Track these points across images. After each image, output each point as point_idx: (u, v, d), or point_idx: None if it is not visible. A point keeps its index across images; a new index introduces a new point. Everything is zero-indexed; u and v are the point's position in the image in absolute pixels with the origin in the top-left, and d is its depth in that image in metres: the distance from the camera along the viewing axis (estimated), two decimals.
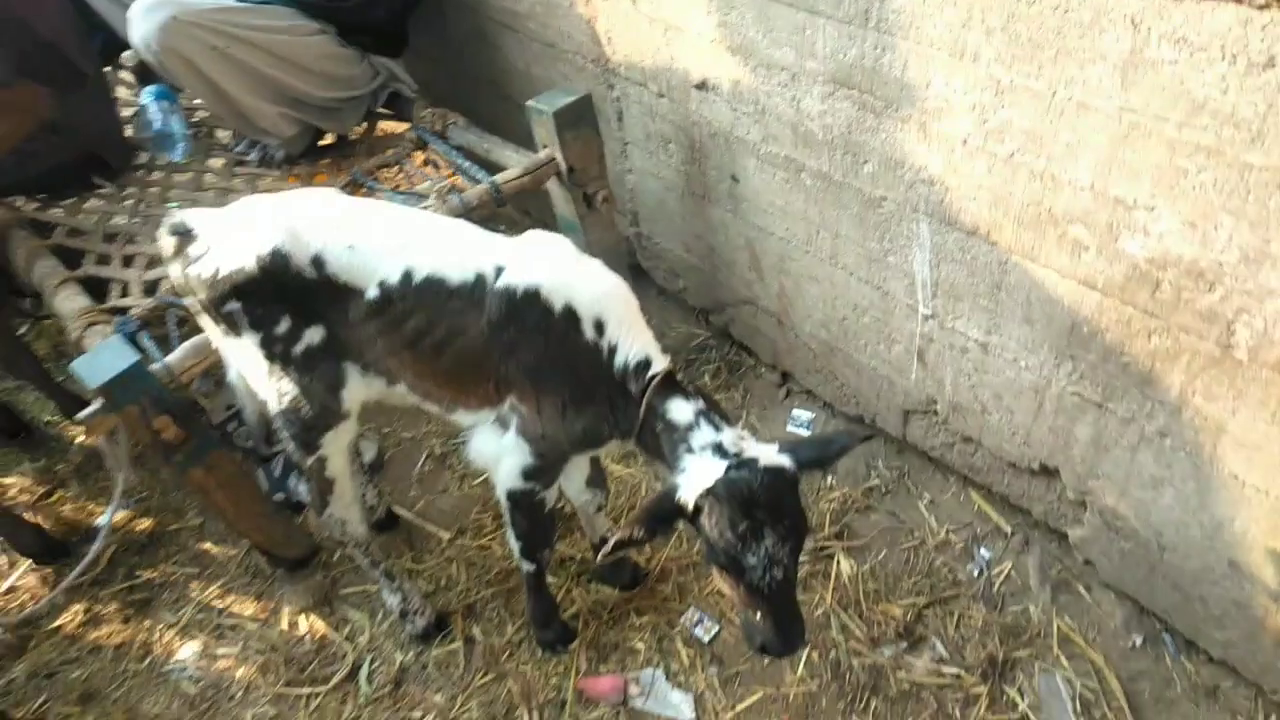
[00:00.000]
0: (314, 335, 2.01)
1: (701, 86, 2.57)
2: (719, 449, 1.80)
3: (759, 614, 1.80)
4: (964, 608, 2.53)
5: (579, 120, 2.63)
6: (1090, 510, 2.34)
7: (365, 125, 3.43)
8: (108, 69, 3.79)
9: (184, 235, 2.03)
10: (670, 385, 1.91)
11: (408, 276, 1.92)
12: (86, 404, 3.45)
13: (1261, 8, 1.42)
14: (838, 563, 2.67)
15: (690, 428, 1.86)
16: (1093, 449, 2.20)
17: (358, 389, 2.11)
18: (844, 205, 2.39)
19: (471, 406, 2.10)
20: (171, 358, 2.31)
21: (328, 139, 3.43)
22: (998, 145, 1.93)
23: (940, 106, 1.99)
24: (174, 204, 3.24)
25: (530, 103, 2.63)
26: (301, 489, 2.56)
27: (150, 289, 2.81)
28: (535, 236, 2.01)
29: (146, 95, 3.69)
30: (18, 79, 2.92)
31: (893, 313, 2.49)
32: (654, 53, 2.66)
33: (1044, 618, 2.47)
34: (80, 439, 3.49)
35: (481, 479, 3.09)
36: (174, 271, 2.08)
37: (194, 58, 2.80)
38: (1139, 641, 2.38)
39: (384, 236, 1.95)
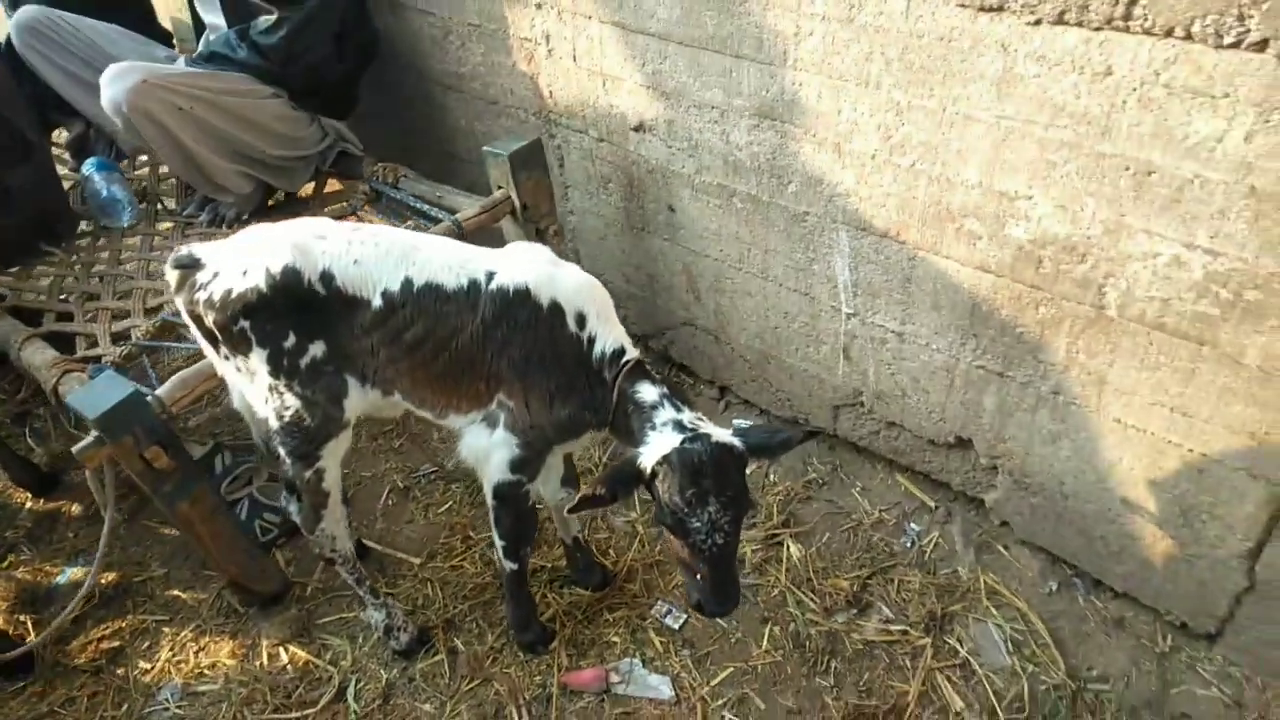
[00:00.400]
0: (317, 349, 2.19)
1: (639, 129, 2.90)
2: (679, 425, 2.04)
3: (698, 575, 2.01)
4: (902, 575, 2.82)
5: (530, 162, 2.92)
6: (1001, 473, 2.69)
7: (314, 184, 3.63)
8: None
9: (189, 266, 2.21)
10: (639, 371, 2.17)
11: (408, 284, 2.14)
12: (37, 469, 3.49)
13: (1097, 29, 1.84)
14: (787, 547, 2.93)
15: (655, 407, 2.09)
16: (999, 415, 2.57)
17: (357, 400, 2.29)
18: (772, 223, 2.74)
19: (462, 409, 2.30)
20: (162, 390, 2.43)
21: (277, 197, 3.61)
22: (900, 158, 2.31)
23: (850, 129, 2.37)
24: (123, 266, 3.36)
25: (486, 148, 2.92)
26: (293, 508, 2.66)
27: (118, 339, 2.91)
28: (518, 246, 2.27)
29: (89, 166, 3.82)
30: None
31: (819, 316, 2.83)
32: (594, 102, 2.99)
33: (971, 576, 2.79)
34: (29, 504, 3.47)
35: (445, 507, 3.24)
36: (179, 302, 2.24)
37: (161, 117, 2.98)
38: (1055, 587, 2.72)
39: (384, 251, 2.17)
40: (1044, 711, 2.45)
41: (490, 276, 2.16)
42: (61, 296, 3.19)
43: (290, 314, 2.15)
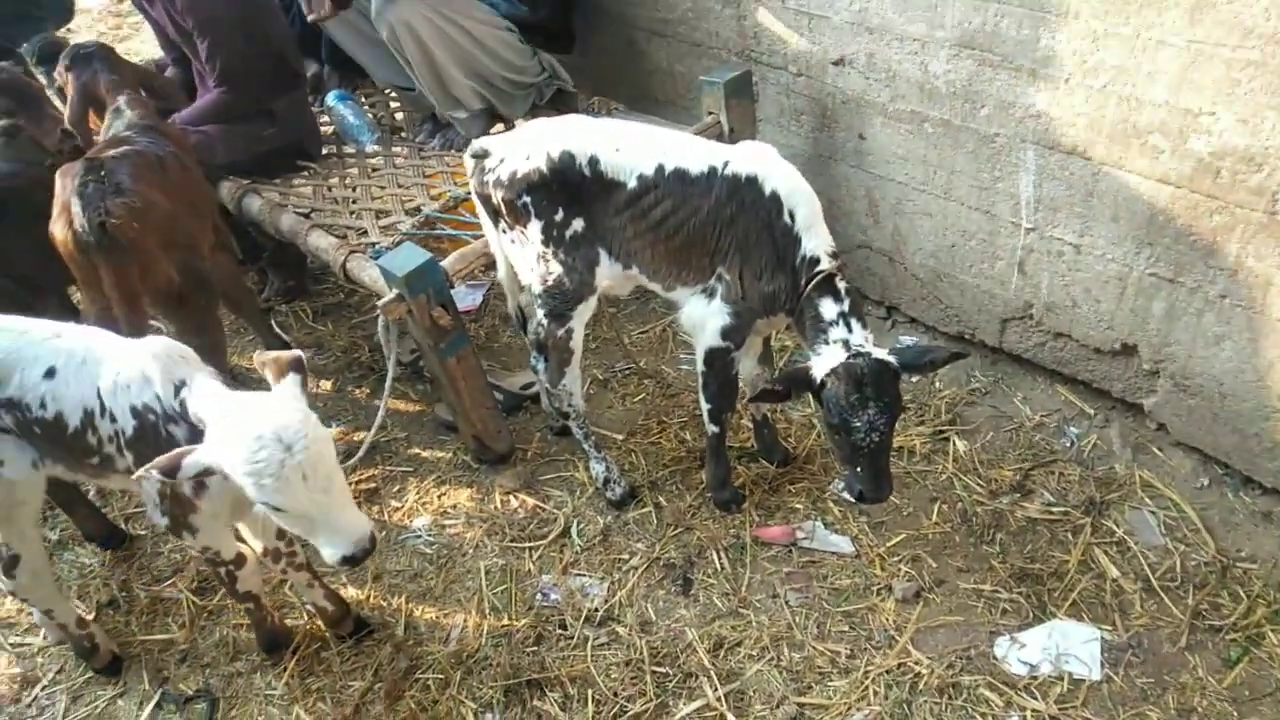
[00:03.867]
0: (578, 224, 2.66)
1: (839, 63, 3.28)
2: (846, 345, 2.46)
3: (859, 469, 2.48)
4: (1062, 469, 3.14)
5: (740, 90, 3.34)
6: (1163, 376, 2.97)
7: (530, 115, 4.13)
8: None
9: (481, 156, 2.71)
10: (826, 286, 2.55)
11: (660, 169, 2.58)
12: (289, 347, 4.08)
13: None
14: (953, 443, 3.28)
15: (832, 324, 2.51)
16: (1166, 320, 2.85)
17: (605, 270, 2.76)
18: (960, 145, 3.08)
19: (689, 281, 2.74)
20: (445, 261, 2.95)
21: (498, 129, 4.13)
22: (1093, 80, 2.63)
23: (1047, 55, 2.70)
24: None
25: (703, 78, 3.36)
26: (540, 366, 3.16)
27: (386, 230, 3.47)
28: (748, 144, 2.70)
29: (332, 98, 4.43)
30: None
31: (998, 233, 3.15)
32: (796, 40, 3.38)
33: (1127, 472, 3.08)
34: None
35: (640, 397, 3.70)
36: (472, 185, 2.75)
37: (419, 29, 3.51)
38: (1206, 483, 2.99)
39: (640, 142, 2.62)
40: (1194, 582, 2.74)
41: (725, 164, 2.58)
42: (325, 201, 3.78)
43: (562, 192, 2.62)
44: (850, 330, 2.50)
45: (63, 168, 2.89)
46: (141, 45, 7.29)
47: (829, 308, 2.53)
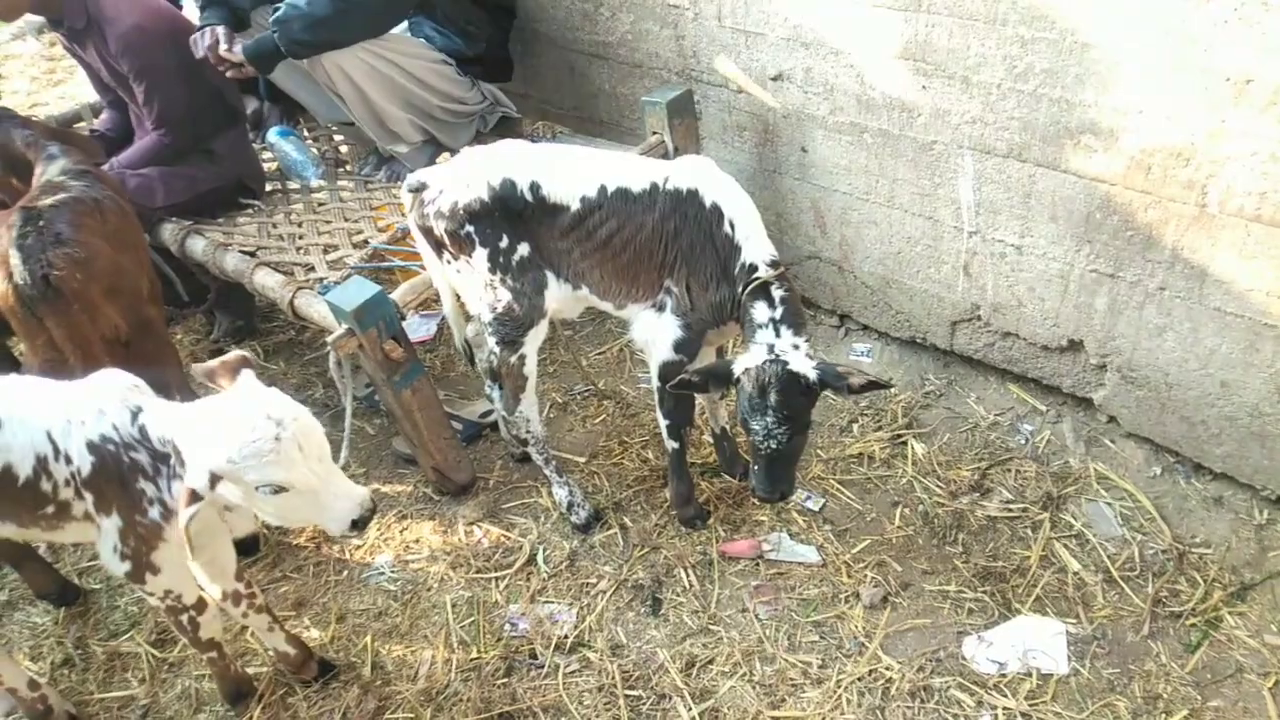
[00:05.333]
0: (524, 249, 2.66)
1: (777, 78, 3.32)
2: (769, 348, 2.49)
3: (757, 465, 2.54)
4: (1018, 466, 3.18)
5: (682, 109, 3.37)
6: (1110, 370, 3.03)
7: (475, 144, 4.12)
8: None
9: (418, 189, 2.70)
10: (760, 292, 2.59)
11: (603, 190, 2.60)
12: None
13: None
14: (911, 446, 3.31)
15: (761, 327, 2.56)
16: (1109, 314, 2.91)
17: (554, 293, 2.76)
18: (900, 154, 3.13)
19: (638, 297, 2.76)
20: (396, 293, 2.93)
21: (444, 157, 4.11)
22: (1024, 85, 2.69)
23: (978, 62, 2.75)
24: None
25: (644, 98, 3.38)
26: (495, 394, 3.14)
27: (333, 266, 3.43)
28: (689, 159, 2.72)
29: (274, 134, 4.37)
30: None
31: (942, 237, 3.21)
32: (735, 57, 3.42)
33: (1082, 465, 3.14)
34: None
35: (600, 419, 3.69)
36: (411, 218, 2.74)
37: (352, 71, 3.47)
38: (1158, 472, 3.06)
39: (581, 164, 2.64)
40: (1153, 570, 2.79)
41: (666, 180, 2.61)
42: (271, 238, 3.73)
43: (505, 219, 2.62)
44: (778, 335, 2.53)
45: None
46: (76, 89, 7.16)
47: (761, 312, 2.57)
